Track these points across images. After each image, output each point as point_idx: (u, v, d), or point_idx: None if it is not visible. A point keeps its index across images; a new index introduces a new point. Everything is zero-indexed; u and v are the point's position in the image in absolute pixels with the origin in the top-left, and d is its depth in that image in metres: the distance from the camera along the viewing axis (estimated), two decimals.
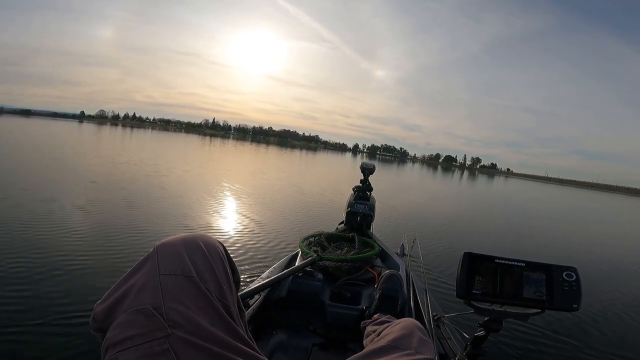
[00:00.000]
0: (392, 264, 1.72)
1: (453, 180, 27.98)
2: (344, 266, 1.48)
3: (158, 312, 0.44)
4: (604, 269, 4.37)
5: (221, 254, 0.56)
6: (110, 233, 3.08)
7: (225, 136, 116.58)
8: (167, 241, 0.52)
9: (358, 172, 2.28)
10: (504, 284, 0.72)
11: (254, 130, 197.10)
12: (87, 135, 22.27)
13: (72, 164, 7.60)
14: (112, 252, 2.65)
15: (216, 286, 0.51)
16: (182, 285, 0.47)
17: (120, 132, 36.20)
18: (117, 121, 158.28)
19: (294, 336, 1.15)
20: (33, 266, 2.23)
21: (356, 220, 2.08)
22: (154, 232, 3.31)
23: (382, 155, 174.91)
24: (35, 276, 2.10)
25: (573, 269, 0.72)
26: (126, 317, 0.44)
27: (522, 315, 0.75)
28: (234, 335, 0.50)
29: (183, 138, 39.20)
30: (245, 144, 49.93)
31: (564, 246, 5.89)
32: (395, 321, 0.88)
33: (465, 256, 0.74)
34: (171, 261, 0.49)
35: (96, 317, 0.47)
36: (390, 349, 0.71)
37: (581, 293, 0.71)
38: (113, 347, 0.42)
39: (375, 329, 0.91)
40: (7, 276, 2.06)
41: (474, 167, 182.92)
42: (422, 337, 0.74)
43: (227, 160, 16.22)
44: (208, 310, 0.48)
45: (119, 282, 0.48)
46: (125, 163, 8.83)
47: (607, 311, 2.78)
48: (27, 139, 13.22)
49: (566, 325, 2.37)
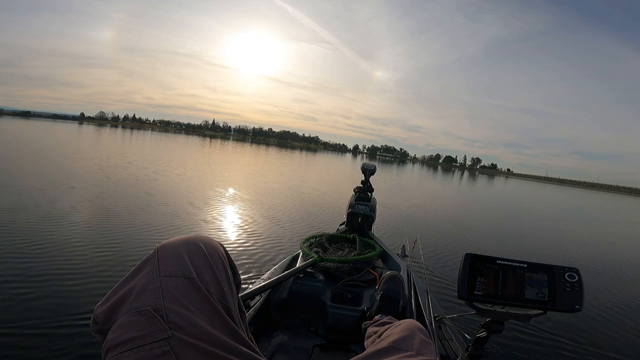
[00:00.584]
0: (393, 265, 1.71)
1: (453, 180, 27.96)
2: (345, 267, 1.48)
3: (158, 314, 0.43)
4: (606, 269, 4.36)
5: (222, 255, 0.56)
6: (111, 235, 3.09)
7: (225, 137, 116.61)
8: (167, 243, 0.52)
9: (358, 173, 2.28)
10: (506, 285, 0.71)
11: (254, 131, 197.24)
12: (87, 137, 22.30)
13: (72, 167, 7.60)
14: (113, 253, 2.65)
15: (217, 288, 0.51)
16: (182, 287, 0.47)
17: (120, 133, 36.23)
18: (116, 123, 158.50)
19: (294, 337, 1.14)
20: (34, 268, 2.23)
21: (357, 221, 2.07)
22: (154, 234, 3.31)
23: (382, 156, 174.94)
24: (36, 278, 2.10)
25: (575, 269, 0.72)
26: (127, 318, 0.44)
27: (524, 316, 0.74)
28: (235, 336, 0.49)
29: (183, 139, 39.22)
30: (245, 145, 49.96)
31: (566, 247, 5.88)
32: (396, 322, 0.88)
33: (466, 257, 0.73)
34: (172, 263, 0.49)
35: (97, 319, 0.46)
36: (392, 350, 0.71)
37: (583, 294, 0.70)
38: (114, 348, 0.42)
39: (377, 330, 0.91)
40: (8, 278, 2.06)
41: (474, 167, 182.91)
42: (423, 339, 0.74)
43: (227, 161, 16.22)
44: (209, 312, 0.48)
45: (120, 284, 0.48)
46: (125, 165, 8.83)
47: (609, 312, 2.77)
48: (28, 141, 13.23)
49: (568, 327, 2.37)
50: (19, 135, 16.61)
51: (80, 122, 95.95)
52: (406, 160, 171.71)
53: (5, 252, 2.41)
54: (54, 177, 5.84)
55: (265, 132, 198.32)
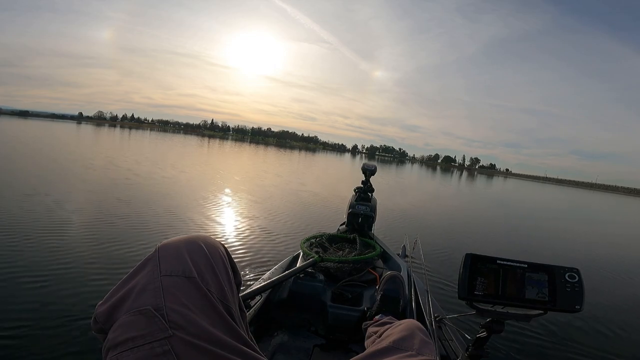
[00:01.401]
0: (394, 265, 1.72)
1: (452, 180, 28.00)
2: (345, 267, 1.48)
3: (159, 313, 0.43)
4: (606, 269, 4.37)
5: (222, 255, 0.56)
6: (111, 234, 3.08)
7: (224, 137, 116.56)
8: (168, 242, 0.52)
9: (357, 173, 2.28)
10: (506, 285, 0.71)
11: (253, 131, 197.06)
12: (86, 137, 22.26)
13: (71, 167, 7.59)
14: (114, 253, 2.64)
15: (217, 287, 0.51)
16: (183, 286, 0.47)
17: (119, 133, 36.18)
18: (115, 122, 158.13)
19: (295, 337, 1.14)
20: (34, 268, 2.22)
21: (357, 221, 2.07)
22: (155, 234, 3.31)
23: (381, 156, 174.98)
24: (37, 278, 2.09)
25: (575, 270, 0.72)
26: (127, 318, 0.43)
27: (524, 316, 0.74)
28: (235, 336, 0.49)
29: (182, 139, 39.18)
30: (244, 144, 49.92)
31: (566, 247, 5.89)
32: (396, 322, 0.88)
33: (467, 257, 0.73)
34: (172, 262, 0.49)
35: (97, 318, 0.46)
36: (392, 350, 0.71)
37: (584, 294, 0.70)
38: (114, 348, 0.42)
39: (377, 330, 0.91)
40: (8, 277, 2.05)
41: (473, 167, 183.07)
42: (423, 339, 0.74)
43: (226, 161, 16.21)
44: (209, 312, 0.48)
45: (121, 283, 0.48)
46: (124, 165, 8.81)
47: (609, 312, 2.78)
48: (27, 141, 13.20)
49: (568, 327, 2.37)
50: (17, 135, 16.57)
51: (78, 122, 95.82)
52: (405, 160, 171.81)
53: (6, 251, 2.40)
54: (53, 177, 5.83)
55: (264, 131, 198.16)
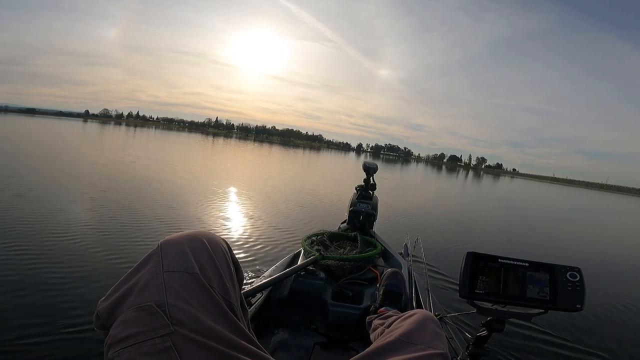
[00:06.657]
0: (395, 264, 1.71)
1: (458, 180, 27.85)
2: (346, 265, 1.48)
3: (161, 310, 0.44)
4: (608, 269, 4.34)
5: (225, 251, 0.56)
6: (114, 230, 3.11)
7: (228, 135, 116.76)
8: (171, 238, 0.52)
9: (361, 172, 2.28)
10: (508, 284, 0.71)
11: (257, 129, 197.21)
12: (92, 135, 22.41)
13: (75, 164, 7.65)
14: (117, 249, 2.67)
15: (219, 283, 0.51)
16: (185, 282, 0.47)
17: (124, 131, 36.39)
18: (120, 120, 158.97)
19: (295, 335, 1.15)
20: (36, 265, 2.25)
21: (359, 219, 2.07)
22: (158, 230, 3.33)
23: (385, 155, 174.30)
24: (39, 274, 2.12)
25: (577, 269, 0.72)
26: (129, 314, 0.44)
27: (525, 315, 0.74)
28: (238, 332, 0.50)
29: (186, 137, 39.32)
30: (248, 142, 50.00)
31: (568, 246, 5.85)
32: (407, 313, 0.81)
33: (468, 256, 0.73)
34: (175, 258, 0.49)
35: (100, 315, 0.47)
36: (402, 343, 0.67)
37: (585, 293, 0.70)
38: (116, 344, 0.42)
39: (383, 322, 0.87)
40: (10, 274, 2.08)
41: (479, 167, 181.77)
42: (435, 330, 0.70)
43: (230, 158, 16.25)
44: (211, 308, 0.48)
45: (123, 280, 0.48)
46: (129, 162, 8.87)
47: (611, 312, 2.76)
48: (32, 139, 13.32)
49: (569, 326, 2.36)
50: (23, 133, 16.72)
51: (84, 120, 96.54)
52: (410, 159, 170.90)
53: (7, 249, 2.43)
54: (56, 174, 5.88)
55: (269, 130, 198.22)
